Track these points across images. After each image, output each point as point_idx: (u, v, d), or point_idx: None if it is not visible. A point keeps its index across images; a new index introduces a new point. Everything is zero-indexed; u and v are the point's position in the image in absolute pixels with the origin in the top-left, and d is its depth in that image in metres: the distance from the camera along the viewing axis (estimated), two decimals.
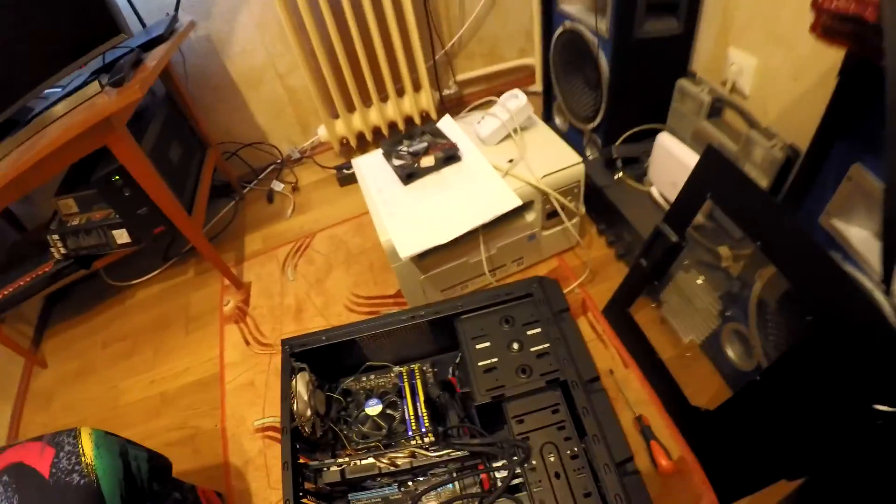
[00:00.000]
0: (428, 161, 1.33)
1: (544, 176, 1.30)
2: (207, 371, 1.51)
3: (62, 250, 1.55)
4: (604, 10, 1.34)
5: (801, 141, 1.00)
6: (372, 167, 1.43)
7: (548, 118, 1.92)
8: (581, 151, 1.62)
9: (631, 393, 1.19)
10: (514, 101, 1.38)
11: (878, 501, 0.71)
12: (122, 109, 1.19)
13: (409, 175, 1.33)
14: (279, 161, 2.14)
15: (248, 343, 1.54)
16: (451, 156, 1.35)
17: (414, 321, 1.01)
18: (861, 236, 0.85)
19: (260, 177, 2.12)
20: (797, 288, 0.84)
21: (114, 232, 1.51)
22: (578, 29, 1.50)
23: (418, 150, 1.37)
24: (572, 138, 1.75)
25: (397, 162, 1.37)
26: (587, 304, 1.41)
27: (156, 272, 1.86)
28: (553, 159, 1.33)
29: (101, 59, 1.41)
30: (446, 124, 1.48)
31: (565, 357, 0.88)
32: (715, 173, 1.00)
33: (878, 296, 0.75)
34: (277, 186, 2.03)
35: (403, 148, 1.40)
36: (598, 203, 1.55)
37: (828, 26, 0.71)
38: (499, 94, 1.47)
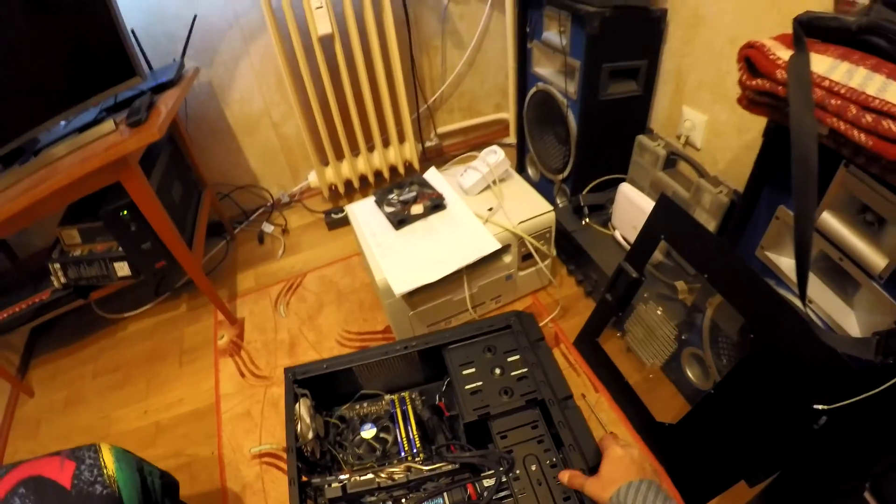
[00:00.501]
0: (417, 209, 1.50)
1: (520, 222, 1.47)
2: (203, 402, 1.59)
3: (62, 279, 1.62)
4: (573, 75, 1.55)
5: (744, 187, 1.18)
6: (365, 213, 1.59)
7: (521, 169, 2.12)
8: (552, 200, 1.82)
9: (602, 414, 1.34)
10: (494, 156, 1.57)
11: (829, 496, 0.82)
12: (138, 149, 1.31)
13: (400, 221, 1.49)
14: (270, 204, 2.27)
15: (243, 375, 1.63)
16: (437, 204, 1.52)
17: (407, 350, 1.12)
18: (790, 264, 0.99)
19: (251, 218, 2.24)
20: (740, 311, 0.99)
21: (115, 264, 1.60)
22: (550, 90, 1.71)
23: (408, 198, 1.54)
24: (543, 187, 1.95)
25: (389, 209, 1.53)
26: (559, 336, 1.58)
27: (148, 305, 1.95)
28: (527, 208, 1.51)
29: (113, 99, 1.53)
30: (432, 176, 1.66)
31: (542, 379, 1.00)
32: (667, 218, 1.18)
33: (807, 312, 0.91)
34: (268, 228, 2.15)
35: (394, 196, 1.57)
36: (567, 246, 1.73)
37: (751, 99, 0.85)
38: (475, 146, 1.65)
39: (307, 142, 1.96)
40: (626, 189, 1.57)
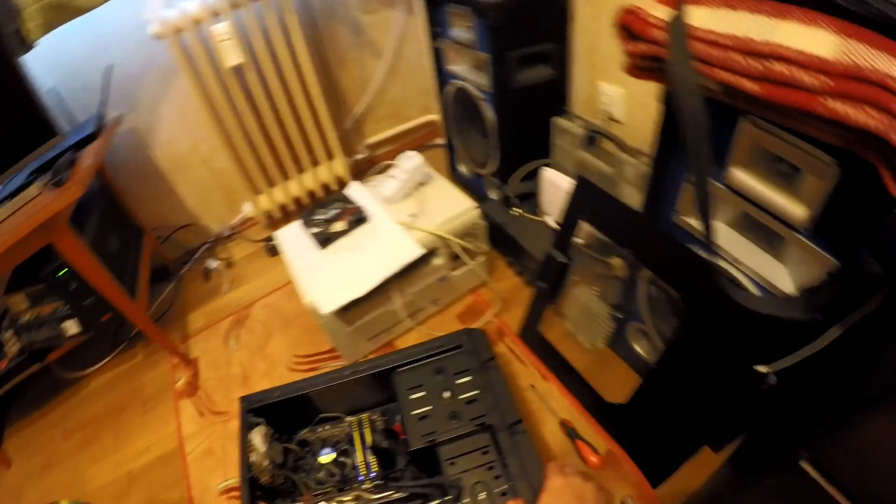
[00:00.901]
0: (340, 226, 1.53)
1: (443, 224, 1.50)
2: (168, 446, 1.62)
3: (16, 347, 1.64)
4: (483, 68, 1.58)
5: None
6: (292, 237, 1.61)
7: (454, 168, 2.15)
8: (485, 195, 1.85)
9: (554, 402, 1.36)
10: (410, 162, 1.60)
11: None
12: (65, 209, 1.33)
13: (324, 240, 1.52)
14: (212, 240, 2.29)
15: (202, 414, 1.65)
16: (359, 218, 1.54)
17: (355, 375, 1.16)
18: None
19: (195, 256, 2.26)
20: (667, 281, 0.99)
21: (64, 324, 1.63)
22: (465, 86, 1.73)
23: (331, 216, 1.57)
24: (476, 183, 1.98)
25: (314, 230, 1.56)
26: (503, 330, 1.60)
27: (107, 359, 1.96)
28: (450, 208, 1.54)
29: (38, 160, 1.55)
30: (354, 190, 1.69)
31: (492, 403, 1.01)
32: (586, 198, 1.19)
33: (734, 272, 0.89)
34: (212, 264, 2.18)
35: (318, 216, 1.60)
36: (501, 238, 1.76)
37: (636, 66, 0.84)
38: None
39: (236, 174, 1.99)
40: (548, 174, 1.60)
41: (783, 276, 0.83)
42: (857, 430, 0.54)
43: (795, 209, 0.75)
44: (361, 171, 2.26)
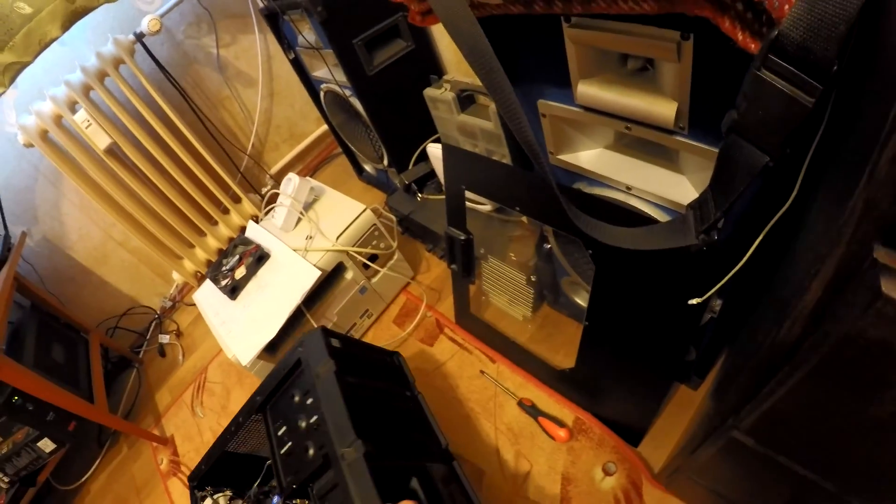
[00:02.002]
0: (241, 272, 1.55)
1: (339, 236, 1.51)
2: None
3: (5, 480, 1.72)
4: (335, 64, 1.57)
5: None
6: (207, 297, 1.64)
7: (360, 171, 2.14)
8: (392, 188, 1.83)
9: (507, 382, 1.33)
10: (289, 184, 1.60)
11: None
12: None
13: (232, 290, 1.54)
14: (157, 316, 2.35)
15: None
16: (259, 257, 1.56)
17: (245, 424, 1.14)
18: (588, 156, 0.88)
19: (147, 337, 2.32)
20: (563, 230, 0.95)
21: (38, 444, 1.70)
22: (331, 88, 1.73)
23: (232, 264, 1.59)
24: (383, 179, 1.97)
25: (222, 282, 1.59)
26: (440, 322, 1.61)
27: (97, 461, 2.05)
28: (343, 217, 1.55)
29: None
30: (252, 230, 1.71)
31: (331, 423, 0.87)
32: (459, 166, 1.17)
33: (636, 202, 0.83)
34: (164, 339, 2.23)
35: (224, 268, 1.62)
36: (414, 228, 1.76)
37: (419, 11, 0.75)
38: (317, 168, 1.64)
39: (151, 249, 2.03)
40: (432, 150, 1.59)
41: (687, 189, 0.75)
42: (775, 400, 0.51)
43: (661, 108, 0.65)
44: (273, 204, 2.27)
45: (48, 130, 1.73)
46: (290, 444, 0.92)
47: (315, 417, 0.89)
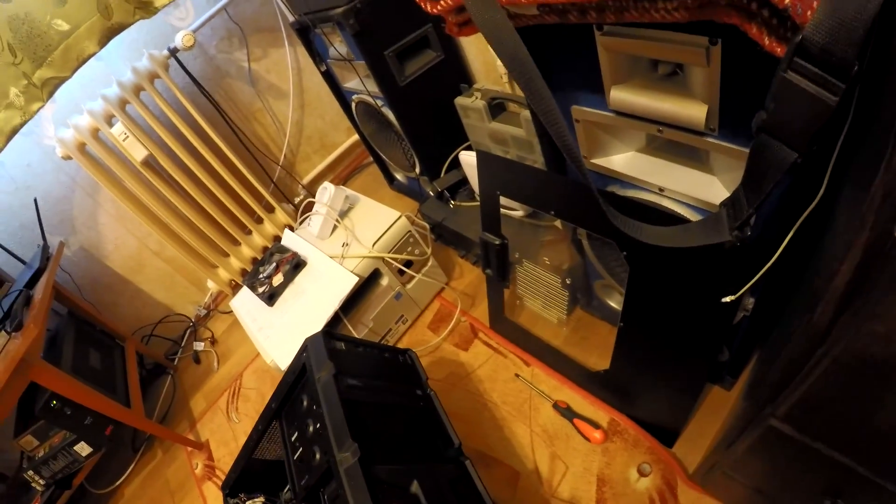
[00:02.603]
0: (278, 279, 1.62)
1: (374, 243, 1.57)
2: None
3: (41, 482, 1.79)
4: (367, 75, 1.63)
5: None
6: (244, 303, 1.72)
7: (391, 180, 2.21)
8: (425, 196, 1.90)
9: (542, 385, 1.35)
10: (325, 193, 1.68)
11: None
12: (31, 347, 1.44)
13: (270, 297, 1.62)
14: (191, 323, 2.44)
15: None
16: (296, 264, 1.64)
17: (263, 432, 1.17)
18: (620, 159, 0.91)
19: (182, 345, 2.40)
20: (597, 232, 0.96)
21: (75, 448, 1.78)
22: (363, 98, 1.80)
23: (270, 272, 1.67)
24: (414, 187, 2.04)
25: (260, 289, 1.66)
26: (475, 326, 1.66)
27: (132, 465, 2.13)
28: (379, 224, 1.61)
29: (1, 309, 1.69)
30: (288, 238, 1.78)
31: (329, 430, 0.87)
32: (493, 171, 1.20)
33: (668, 203, 0.84)
34: (199, 346, 2.31)
35: (261, 275, 1.70)
36: (447, 235, 1.82)
37: (456, 23, 0.78)
38: (348, 178, 1.69)
39: (187, 258, 2.12)
40: (464, 157, 1.65)
41: (718, 189, 0.77)
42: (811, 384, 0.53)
43: (692, 111, 0.68)
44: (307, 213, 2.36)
45: (86, 143, 1.82)
46: (301, 449, 0.94)
47: (319, 422, 0.89)
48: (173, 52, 1.91)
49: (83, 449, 1.80)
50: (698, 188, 0.79)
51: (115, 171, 1.89)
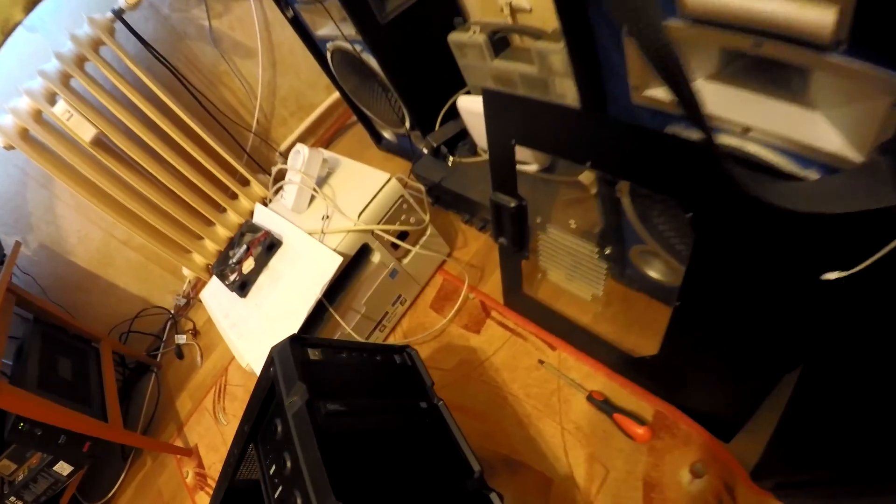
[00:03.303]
0: (249, 264, 1.31)
1: (360, 213, 1.25)
2: None
3: None
4: (342, 16, 1.31)
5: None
6: (215, 295, 1.42)
7: (378, 139, 1.88)
8: (418, 154, 1.58)
9: (572, 372, 1.12)
10: (298, 157, 1.35)
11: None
12: None
13: (241, 287, 1.31)
14: (171, 315, 2.16)
15: None
16: (269, 246, 1.32)
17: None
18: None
19: (164, 338, 2.13)
20: (651, 186, 0.75)
21: (55, 468, 1.55)
22: (339, 45, 1.48)
23: (240, 256, 1.35)
24: (405, 145, 1.71)
25: (230, 278, 1.35)
26: (486, 304, 1.36)
27: (122, 475, 1.88)
28: (364, 190, 1.30)
29: None
30: (260, 214, 1.47)
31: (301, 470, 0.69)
32: (505, 114, 0.92)
33: (750, 147, 0.63)
34: (181, 339, 2.04)
35: (231, 261, 1.38)
36: (447, 197, 1.50)
37: None
38: (330, 141, 1.40)
39: (157, 245, 1.81)
40: (463, 103, 1.36)
41: (822, 129, 0.56)
42: None
43: (815, 14, 0.46)
44: None
45: (27, 128, 1.51)
46: (280, 488, 0.73)
47: (295, 463, 0.69)
48: (118, 13, 1.58)
49: (63, 468, 1.57)
50: (796, 127, 0.58)
51: (64, 157, 1.59)
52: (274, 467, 0.77)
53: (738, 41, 0.55)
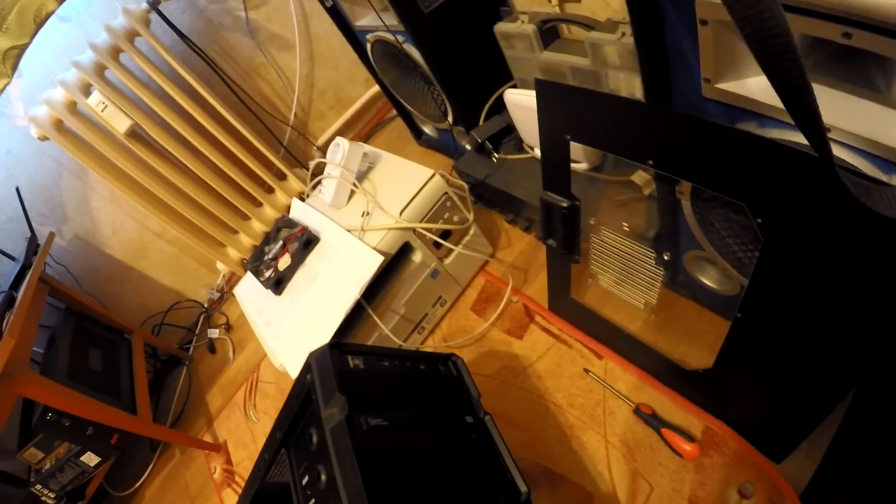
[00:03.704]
0: (285, 261, 1.25)
1: (402, 210, 1.18)
2: None
3: (51, 496, 1.56)
4: (385, 7, 1.25)
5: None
6: (249, 292, 1.37)
7: (419, 135, 1.81)
8: (460, 150, 1.51)
9: (619, 383, 1.06)
10: (338, 151, 1.28)
11: None
12: (12, 359, 1.17)
13: (276, 283, 1.25)
14: (204, 309, 2.12)
15: None
16: (306, 242, 1.26)
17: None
18: (760, 84, 0.65)
19: (196, 332, 2.09)
20: (719, 189, 0.69)
21: (82, 458, 1.53)
22: (380, 36, 1.42)
23: (276, 252, 1.29)
24: (447, 141, 1.64)
25: (265, 274, 1.29)
26: (530, 308, 1.29)
27: (150, 466, 1.84)
28: (407, 187, 1.23)
29: None
30: (297, 209, 1.41)
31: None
32: (559, 108, 0.84)
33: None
34: (213, 333, 2.00)
35: (267, 257, 1.33)
36: (490, 195, 1.43)
37: None
38: (369, 136, 1.34)
39: (192, 240, 1.77)
40: (511, 97, 1.28)
41: None
42: None
43: None
44: None
45: (62, 120, 1.48)
46: (313, 500, 0.69)
47: (331, 479, 0.64)
48: (153, 4, 1.54)
49: (91, 459, 1.55)
50: (881, 128, 0.53)
51: (98, 148, 1.55)
52: (307, 478, 0.72)
53: (828, 30, 0.49)
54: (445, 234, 1.28)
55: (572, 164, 1.08)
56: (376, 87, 2.05)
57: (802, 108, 0.41)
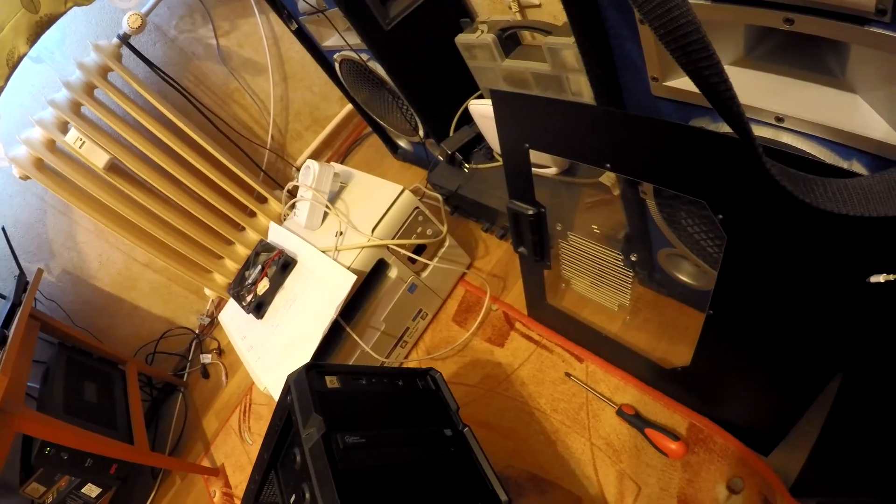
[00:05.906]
0: (264, 285, 1.23)
1: (374, 228, 1.16)
2: None
3: None
4: (349, 27, 1.24)
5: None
6: (232, 317, 1.35)
7: (395, 149, 1.79)
8: (434, 162, 1.49)
9: (600, 385, 1.04)
10: (308, 174, 1.26)
11: None
12: (7, 396, 1.15)
13: (257, 308, 1.23)
14: (196, 335, 2.09)
15: None
16: (284, 265, 1.24)
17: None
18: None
19: (189, 358, 2.07)
20: (680, 188, 0.67)
21: (83, 490, 1.51)
22: (346, 55, 1.41)
23: (255, 277, 1.27)
24: (421, 153, 1.63)
25: (246, 299, 1.27)
26: (510, 316, 1.27)
27: (152, 494, 1.82)
28: (377, 205, 1.21)
29: None
30: (275, 233, 1.39)
31: None
32: (515, 116, 0.83)
33: (784, 137, 0.57)
34: (206, 359, 1.97)
35: (247, 282, 1.31)
36: (465, 205, 1.41)
37: None
38: (347, 153, 1.32)
39: (177, 267, 1.74)
40: (475, 108, 1.27)
41: (864, 114, 0.49)
42: None
43: None
44: None
45: (42, 158, 1.46)
46: None
47: (312, 495, 0.64)
48: (123, 38, 1.52)
49: (91, 490, 1.53)
50: (836, 114, 0.51)
51: (79, 184, 1.53)
52: (294, 497, 0.71)
53: (768, 18, 0.48)
54: (421, 248, 1.26)
55: (542, 170, 1.08)
56: (351, 105, 2.04)
57: (724, 103, 0.39)
